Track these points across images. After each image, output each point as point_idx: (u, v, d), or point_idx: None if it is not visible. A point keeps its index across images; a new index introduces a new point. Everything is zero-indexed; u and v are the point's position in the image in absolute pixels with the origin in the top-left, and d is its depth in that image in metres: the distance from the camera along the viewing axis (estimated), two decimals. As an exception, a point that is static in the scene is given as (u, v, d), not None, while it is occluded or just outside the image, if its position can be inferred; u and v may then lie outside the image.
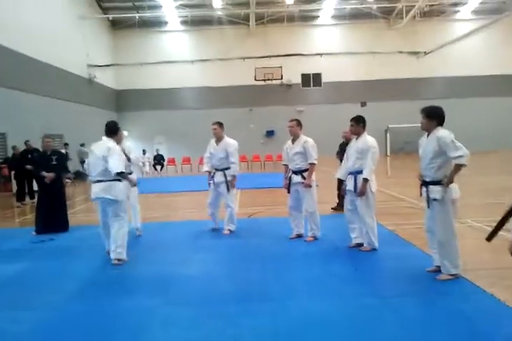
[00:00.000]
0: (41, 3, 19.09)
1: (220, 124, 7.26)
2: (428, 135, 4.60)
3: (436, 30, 28.56)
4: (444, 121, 4.58)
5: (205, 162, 7.47)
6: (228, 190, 7.15)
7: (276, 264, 5.36)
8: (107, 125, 6.02)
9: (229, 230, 7.24)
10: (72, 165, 18.53)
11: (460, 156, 4.31)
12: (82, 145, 19.97)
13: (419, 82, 29.38)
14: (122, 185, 5.73)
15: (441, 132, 4.46)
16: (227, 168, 7.15)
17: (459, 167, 4.36)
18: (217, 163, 7.23)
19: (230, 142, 7.24)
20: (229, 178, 7.13)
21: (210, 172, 7.36)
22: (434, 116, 4.57)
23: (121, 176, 5.63)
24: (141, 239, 7.10)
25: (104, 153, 5.57)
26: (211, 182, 7.30)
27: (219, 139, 7.27)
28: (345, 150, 8.43)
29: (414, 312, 3.80)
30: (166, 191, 13.68)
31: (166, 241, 6.78)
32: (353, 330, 3.51)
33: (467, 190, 6.11)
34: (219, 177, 7.20)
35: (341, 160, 8.57)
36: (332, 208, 8.99)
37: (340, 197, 8.82)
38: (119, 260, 5.60)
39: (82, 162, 16.39)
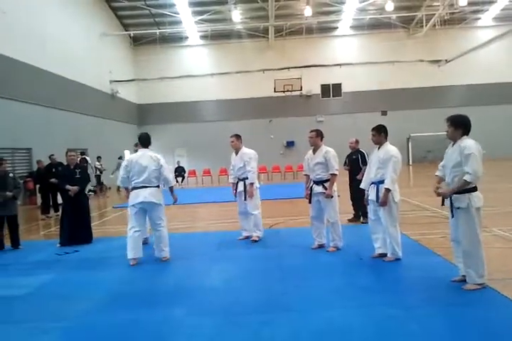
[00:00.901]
0: (65, 22, 19.63)
1: (238, 136, 7.56)
2: (453, 144, 4.55)
3: (457, 37, 28.34)
4: (469, 129, 4.51)
5: (230, 174, 7.80)
6: (245, 198, 7.31)
7: (297, 274, 5.33)
8: (141, 137, 6.54)
9: (257, 237, 7.41)
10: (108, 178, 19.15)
11: (468, 173, 4.27)
12: (120, 157, 20.51)
13: (440, 90, 29.12)
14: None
15: (466, 142, 4.40)
16: (247, 178, 7.34)
17: (464, 182, 4.31)
18: (238, 173, 7.48)
19: (247, 151, 7.51)
20: (247, 188, 7.31)
21: (234, 184, 7.60)
22: (460, 125, 4.51)
23: (171, 189, 6.48)
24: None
25: (153, 163, 6.27)
26: (234, 192, 7.57)
27: (237, 150, 7.55)
28: (350, 161, 8.80)
29: (440, 323, 3.72)
30: (188, 202, 13.73)
31: (188, 252, 6.80)
32: (377, 341, 3.45)
33: (492, 197, 6.01)
34: (240, 186, 7.44)
35: (349, 171, 8.89)
36: (348, 220, 8.81)
37: (356, 207, 8.79)
38: (165, 257, 6.32)
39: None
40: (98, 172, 19.39)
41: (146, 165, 6.25)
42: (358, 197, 8.01)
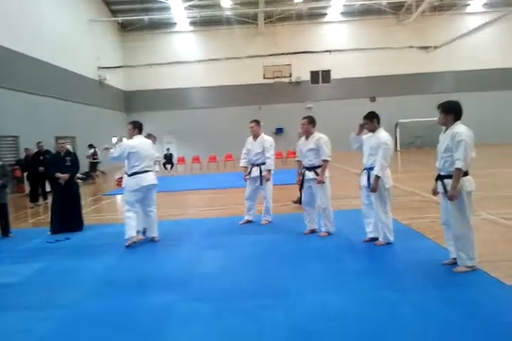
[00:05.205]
0: (53, 9, 19.31)
1: (257, 122, 7.68)
2: (446, 130, 4.59)
3: (446, 24, 28.34)
4: (461, 115, 4.55)
5: (242, 158, 7.82)
6: (261, 183, 7.49)
7: (291, 260, 5.36)
8: (140, 123, 6.87)
9: (266, 220, 7.66)
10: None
11: (458, 159, 4.33)
12: (91, 146, 20.36)
13: (429, 76, 29.19)
14: None
15: (459, 128, 4.45)
16: (264, 163, 7.50)
17: (456, 170, 4.35)
18: (254, 158, 7.58)
19: (268, 138, 7.66)
20: (264, 173, 7.46)
21: (246, 168, 7.70)
22: (451, 111, 4.55)
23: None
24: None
25: (152, 150, 6.83)
26: (247, 177, 7.65)
27: (256, 136, 7.65)
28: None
29: (432, 305, 3.78)
30: (178, 189, 13.72)
31: (180, 239, 6.81)
32: (371, 323, 3.50)
33: (482, 182, 6.09)
34: (255, 171, 7.53)
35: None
36: (293, 201, 9.27)
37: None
38: (156, 237, 6.78)
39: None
40: (92, 159, 19.36)
41: (149, 151, 6.69)
42: None
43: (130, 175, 6.55)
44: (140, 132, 6.81)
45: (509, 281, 4.12)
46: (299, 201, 9.09)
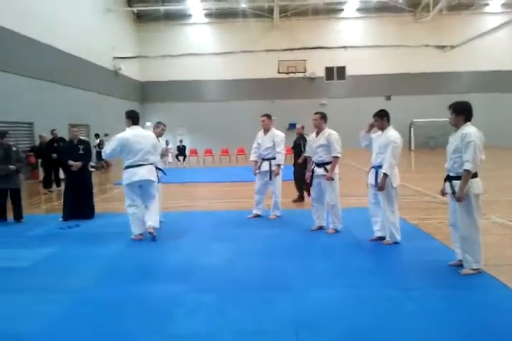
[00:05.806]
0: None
1: (269, 116, 7.70)
2: (456, 131, 4.58)
3: (464, 23, 28.01)
4: (471, 116, 4.54)
5: (252, 152, 7.85)
6: (271, 178, 7.54)
7: (298, 255, 5.41)
8: (135, 113, 6.53)
9: (275, 215, 7.70)
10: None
11: (467, 161, 4.32)
12: (97, 135, 20.50)
13: (445, 76, 28.91)
14: None
15: (469, 129, 4.44)
16: (274, 158, 7.53)
17: (465, 172, 4.35)
18: (264, 153, 7.62)
19: (278, 133, 7.67)
20: (273, 168, 7.50)
21: (256, 162, 7.75)
22: (461, 112, 4.54)
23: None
24: (164, 227, 7.13)
25: (150, 142, 6.37)
26: (257, 171, 7.70)
27: (267, 130, 7.68)
28: (298, 145, 9.13)
29: (436, 305, 3.81)
30: (189, 181, 13.81)
31: (189, 230, 6.88)
32: (375, 320, 3.54)
33: (493, 185, 6.07)
34: (265, 166, 7.57)
35: (295, 154, 9.40)
36: (293, 201, 9.36)
37: (299, 188, 9.27)
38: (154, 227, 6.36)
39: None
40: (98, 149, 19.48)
41: (145, 144, 6.28)
42: (300, 179, 8.55)
43: (124, 169, 6.33)
44: (135, 123, 6.43)
45: (514, 285, 4.13)
46: (298, 199, 9.38)
